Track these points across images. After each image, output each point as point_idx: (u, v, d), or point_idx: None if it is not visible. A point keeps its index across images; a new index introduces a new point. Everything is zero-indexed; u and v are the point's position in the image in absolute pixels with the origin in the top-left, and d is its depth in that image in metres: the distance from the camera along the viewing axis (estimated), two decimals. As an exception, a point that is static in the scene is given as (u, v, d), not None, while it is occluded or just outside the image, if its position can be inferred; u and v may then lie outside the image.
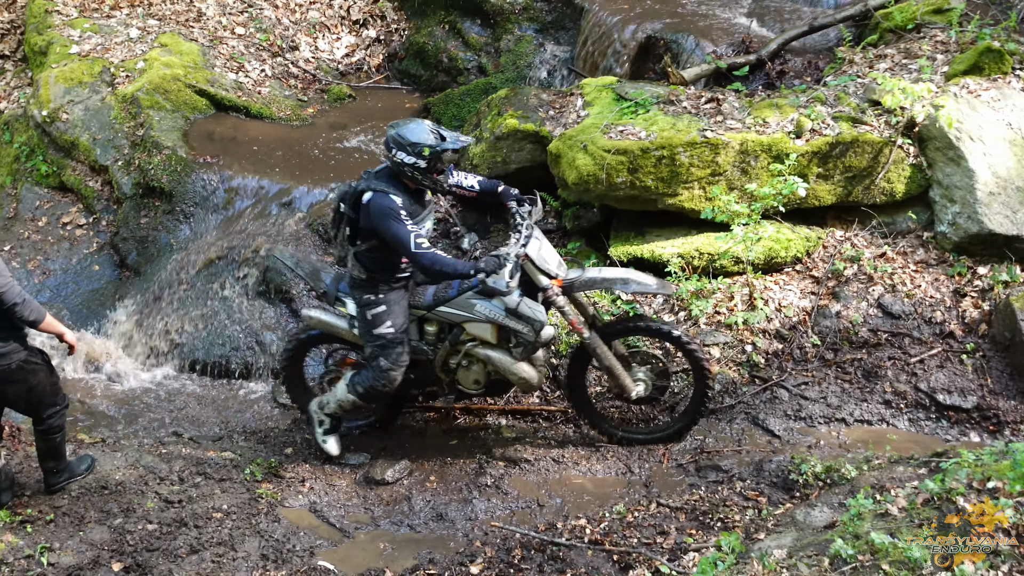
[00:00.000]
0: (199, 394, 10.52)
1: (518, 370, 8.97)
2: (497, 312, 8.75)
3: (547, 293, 8.72)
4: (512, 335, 8.83)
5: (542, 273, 8.67)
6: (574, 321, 8.92)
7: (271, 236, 11.26)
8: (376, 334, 8.74)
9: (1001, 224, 10.14)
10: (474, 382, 9.24)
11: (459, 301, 8.84)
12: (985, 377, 9.78)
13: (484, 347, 8.99)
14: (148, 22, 14.43)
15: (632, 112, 10.74)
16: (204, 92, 13.26)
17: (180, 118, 12.81)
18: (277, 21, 15.11)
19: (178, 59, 13.54)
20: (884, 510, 6.91)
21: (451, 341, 9.02)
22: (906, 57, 11.35)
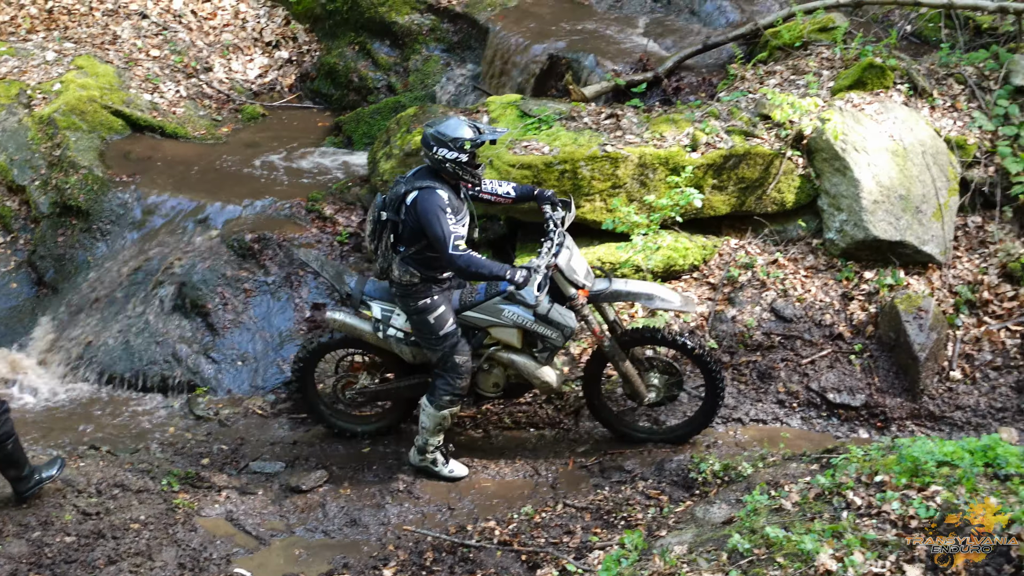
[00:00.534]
0: (116, 407, 10.33)
1: (542, 374, 8.91)
2: (526, 318, 8.67)
3: (573, 302, 8.68)
4: (539, 340, 8.77)
5: (570, 283, 8.62)
6: (596, 330, 8.87)
7: (187, 252, 11.11)
8: (443, 334, 8.60)
9: (885, 230, 10.26)
10: (493, 385, 9.14)
11: (487, 306, 8.74)
12: (872, 376, 9.89)
13: (508, 351, 8.91)
14: (64, 45, 14.21)
15: (536, 128, 10.74)
16: (120, 113, 13.07)
17: (96, 138, 12.61)
18: (191, 43, 14.94)
19: (94, 81, 13.33)
20: (778, 505, 6.95)
21: (474, 345, 8.90)
22: (794, 73, 11.46)
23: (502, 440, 9.59)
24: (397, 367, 9.31)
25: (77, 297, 11.22)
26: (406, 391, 9.34)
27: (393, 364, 9.31)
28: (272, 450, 9.52)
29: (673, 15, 14.21)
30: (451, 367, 8.67)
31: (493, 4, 14.27)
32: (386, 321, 8.90)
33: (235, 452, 9.48)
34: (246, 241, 11.07)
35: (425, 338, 8.69)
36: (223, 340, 10.61)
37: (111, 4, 15.11)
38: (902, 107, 10.94)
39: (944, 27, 12.23)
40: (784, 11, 12.62)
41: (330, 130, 13.99)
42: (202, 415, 10.08)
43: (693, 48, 12.71)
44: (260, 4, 15.71)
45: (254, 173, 12.58)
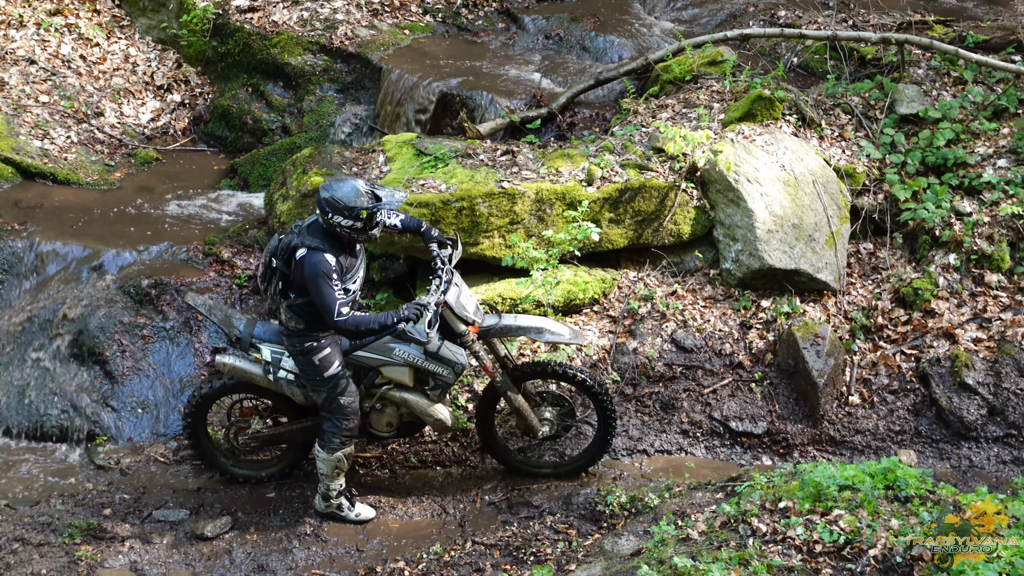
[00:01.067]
0: (15, 459, 10.09)
1: (435, 412, 8.87)
2: (416, 355, 8.64)
3: (463, 339, 8.68)
4: (430, 377, 8.74)
5: (460, 320, 8.62)
6: (487, 365, 8.90)
7: (82, 300, 10.92)
8: (328, 376, 8.52)
9: (780, 259, 10.42)
10: (387, 424, 9.10)
11: (376, 345, 8.70)
12: (773, 403, 10.02)
13: (400, 390, 8.86)
14: (-50, 93, 13.95)
15: (432, 166, 10.75)
16: (9, 160, 12.83)
17: (-14, 187, 12.39)
18: (81, 88, 14.73)
19: (-19, 128, 13.10)
20: (686, 535, 7.01)
21: (366, 385, 8.86)
22: (686, 106, 11.62)
23: (409, 479, 9.54)
24: (289, 410, 9.24)
25: (-30, 349, 10.97)
26: (299, 434, 9.27)
27: (285, 407, 9.24)
28: (176, 498, 9.37)
29: (565, 52, 14.33)
30: (336, 408, 8.62)
31: (386, 44, 14.28)
32: (276, 363, 8.84)
33: (138, 501, 9.31)
34: (143, 287, 10.91)
35: (310, 379, 8.65)
36: (122, 388, 10.43)
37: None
38: (792, 138, 11.15)
39: (829, 59, 12.49)
40: (674, 46, 12.80)
41: (226, 173, 13.86)
42: (103, 464, 9.89)
43: (585, 84, 12.83)
44: (150, 48, 15.55)
45: (149, 218, 12.41)
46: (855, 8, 13.93)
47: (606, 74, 12.92)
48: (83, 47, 15.24)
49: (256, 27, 14.64)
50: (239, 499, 9.33)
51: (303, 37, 14.40)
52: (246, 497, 9.35)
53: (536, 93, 12.87)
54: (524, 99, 12.83)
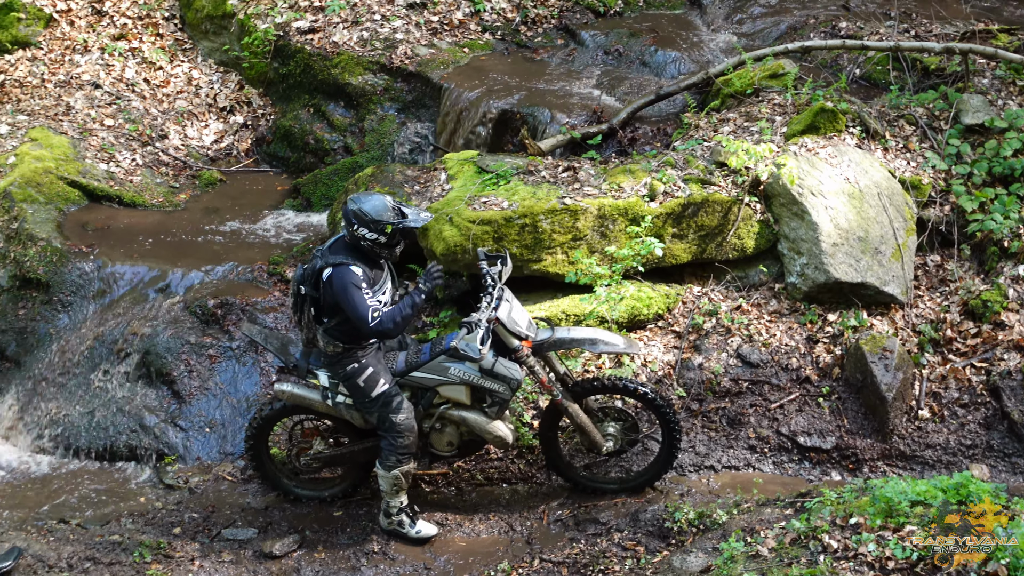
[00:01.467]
0: (85, 479, 10.20)
1: (493, 429, 8.87)
2: (472, 374, 8.66)
3: (517, 354, 8.68)
4: (487, 394, 8.75)
5: (513, 335, 8.62)
6: (544, 380, 8.87)
7: (149, 320, 11.03)
8: (376, 396, 8.58)
9: (846, 272, 10.33)
10: (447, 444, 9.11)
11: (432, 365, 8.74)
12: (842, 418, 9.93)
13: (458, 408, 8.88)
14: (17, 118, 14.13)
15: (494, 184, 10.77)
16: (76, 183, 12.99)
17: (54, 210, 12.52)
18: (146, 111, 14.91)
19: (49, 152, 13.25)
20: (755, 551, 6.95)
21: (424, 405, 8.89)
22: (747, 120, 11.56)
23: (475, 497, 9.54)
24: (350, 430, 9.27)
25: (40, 370, 11.09)
26: (360, 455, 9.29)
27: (345, 427, 9.27)
28: (244, 516, 9.42)
29: (625, 67, 14.32)
30: (389, 427, 8.65)
31: (446, 62, 14.33)
32: (334, 388, 8.88)
33: (207, 520, 9.37)
34: (209, 307, 11.01)
35: (360, 401, 8.71)
36: (190, 407, 10.52)
37: (63, 75, 15.07)
38: (855, 150, 11.06)
39: (892, 69, 12.40)
40: (734, 59, 12.75)
41: (288, 193, 13.96)
42: (172, 483, 9.98)
43: (646, 99, 12.79)
44: (213, 70, 15.72)
45: (214, 238, 12.54)
46: (917, 18, 13.82)
47: (666, 89, 12.88)
48: (147, 71, 15.43)
49: (316, 48, 14.74)
50: (307, 517, 9.36)
51: (363, 57, 14.48)
52: (313, 515, 9.38)
53: (596, 109, 12.86)
54: (584, 115, 12.83)
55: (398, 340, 9.10)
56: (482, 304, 8.53)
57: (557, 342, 8.90)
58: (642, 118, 12.73)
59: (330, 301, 8.33)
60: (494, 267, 8.86)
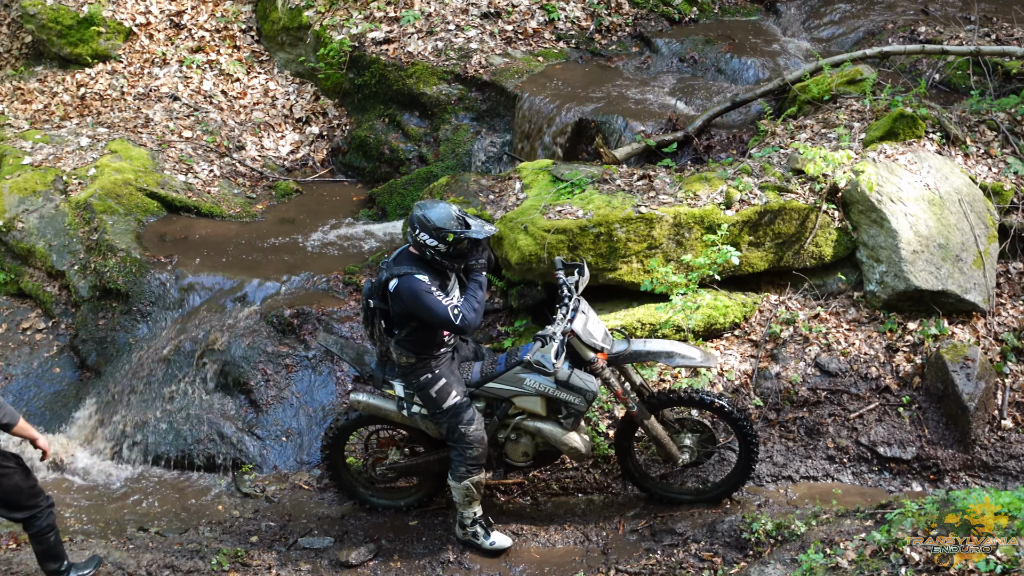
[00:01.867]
0: (163, 488, 10.32)
1: (569, 440, 8.86)
2: (547, 385, 8.65)
3: (592, 367, 8.66)
4: (562, 406, 8.74)
5: (588, 348, 8.60)
6: (619, 392, 8.84)
7: (227, 330, 11.13)
8: (447, 408, 8.60)
9: (926, 280, 10.19)
10: (523, 454, 9.11)
11: (507, 376, 8.75)
12: (922, 428, 9.78)
13: (533, 419, 8.88)
14: (98, 130, 14.35)
15: (569, 192, 10.74)
16: (155, 195, 13.16)
17: (133, 221, 12.69)
18: (223, 123, 15.07)
19: (128, 164, 13.44)
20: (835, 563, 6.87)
21: (499, 416, 8.90)
22: (825, 127, 11.45)
23: (551, 507, 9.51)
24: (425, 440, 9.29)
25: (120, 379, 11.23)
26: (435, 464, 9.30)
27: (421, 437, 9.29)
28: (320, 525, 9.47)
29: (700, 74, 14.26)
30: (459, 438, 8.64)
31: (520, 71, 14.34)
32: (409, 399, 8.90)
33: (283, 528, 9.43)
34: (285, 317, 11.10)
35: (431, 411, 8.72)
36: (267, 416, 10.61)
37: (142, 88, 15.28)
38: (935, 156, 10.91)
39: (972, 74, 12.23)
40: (811, 65, 12.65)
41: (364, 203, 14.04)
42: (249, 492, 10.06)
43: (722, 106, 12.72)
44: (289, 81, 15.85)
45: (290, 248, 12.63)
46: (998, 22, 13.62)
47: (742, 96, 12.80)
48: (224, 82, 15.61)
49: (391, 58, 14.82)
50: (382, 527, 9.39)
51: (438, 67, 14.54)
52: (389, 525, 9.41)
53: (671, 116, 12.80)
54: (659, 123, 12.77)
55: (473, 351, 9.11)
56: (557, 316, 8.50)
57: (633, 354, 8.84)
58: (718, 125, 12.66)
59: (399, 312, 8.34)
60: (571, 277, 8.83)
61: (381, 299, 8.45)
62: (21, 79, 15.50)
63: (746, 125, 12.68)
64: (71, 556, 8.62)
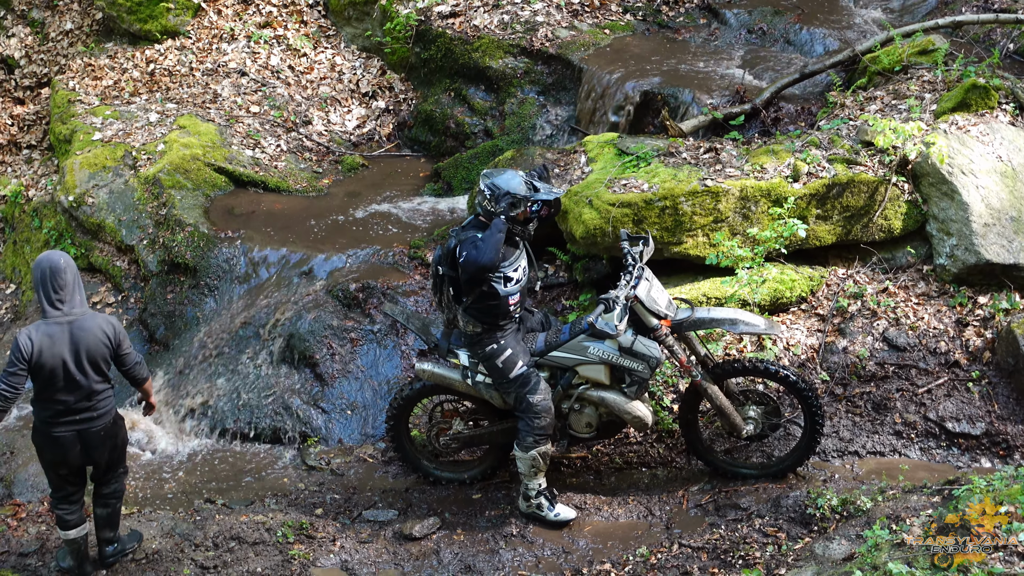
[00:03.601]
0: (230, 460, 10.44)
1: (632, 409, 8.86)
2: (611, 352, 8.67)
3: (656, 333, 8.67)
4: (626, 374, 8.74)
5: (651, 314, 8.61)
6: (683, 360, 8.84)
7: (293, 304, 11.22)
8: (514, 377, 8.65)
9: (998, 254, 10.05)
10: (586, 425, 9.12)
11: (571, 344, 8.77)
12: (992, 403, 9.66)
13: (597, 389, 8.89)
14: (166, 106, 14.49)
15: (634, 166, 10.70)
16: (223, 170, 13.28)
17: (201, 196, 12.82)
18: (290, 98, 15.16)
19: (196, 139, 13.57)
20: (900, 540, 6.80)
21: (563, 386, 8.93)
22: (895, 98, 11.30)
23: (614, 481, 9.51)
24: (489, 412, 9.32)
25: (188, 353, 11.37)
26: (499, 436, 9.33)
27: (485, 409, 9.33)
28: (384, 498, 9.53)
29: (768, 45, 14.13)
30: (526, 408, 8.66)
31: (586, 44, 14.29)
32: (473, 368, 8.94)
33: (348, 501, 9.51)
34: (351, 291, 11.16)
35: (498, 382, 8.76)
36: (332, 390, 10.69)
37: (211, 64, 15.40)
38: (1009, 127, 10.73)
39: (1048, 43, 12.01)
40: (882, 35, 12.47)
41: (429, 177, 14.08)
42: (314, 465, 10.15)
43: (790, 78, 12.58)
44: (355, 56, 15.91)
45: (356, 223, 12.69)
46: (1075, -10, 13.37)
47: (811, 67, 12.65)
48: (291, 57, 15.69)
49: (457, 32, 14.83)
50: (446, 500, 9.44)
51: (503, 40, 14.52)
52: (452, 498, 9.45)
53: (739, 89, 12.70)
54: (726, 95, 12.68)
55: (540, 321, 9.11)
56: (621, 282, 8.51)
57: (697, 321, 8.80)
58: (786, 97, 12.53)
59: (466, 277, 8.38)
60: (635, 247, 8.84)
61: (450, 266, 8.51)
62: (91, 56, 15.67)
63: (815, 97, 12.55)
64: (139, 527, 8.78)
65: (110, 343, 7.78)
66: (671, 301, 8.82)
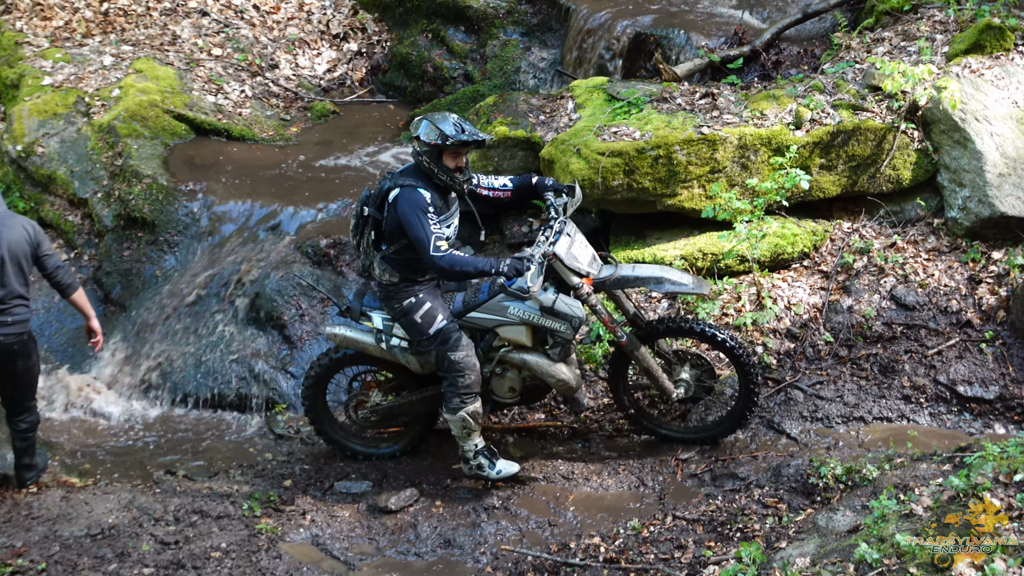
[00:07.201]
0: (192, 428, 10.41)
1: (556, 372, 8.86)
2: (532, 312, 8.66)
3: (578, 292, 8.64)
4: (548, 335, 8.75)
5: (572, 272, 8.59)
6: (607, 320, 8.84)
7: (259, 261, 11.17)
8: (434, 333, 8.63)
9: (1013, 206, 10.06)
10: (509, 390, 9.13)
11: (490, 305, 8.75)
12: (1006, 365, 9.69)
13: (519, 351, 8.89)
14: (122, 48, 14.37)
15: (625, 112, 10.67)
16: (183, 117, 13.18)
17: (159, 145, 12.73)
18: (255, 40, 15.05)
19: (154, 84, 13.46)
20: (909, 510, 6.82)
21: (483, 348, 8.91)
22: (904, 39, 11.28)
23: (603, 449, 9.52)
24: (409, 381, 9.31)
25: (146, 314, 11.32)
26: (420, 404, 9.34)
27: (405, 378, 9.32)
28: (358, 469, 9.51)
29: (769, -17, 14.08)
30: (449, 366, 8.65)
31: (574, -19, 14.22)
32: (388, 331, 8.93)
33: (319, 472, 9.49)
34: (321, 247, 11.12)
35: (416, 340, 8.74)
36: (301, 353, 10.66)
37: (169, 3, 15.28)
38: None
39: (1068, -19, 11.97)
40: (891, -28, 12.43)
41: (405, 125, 14.00)
42: (282, 434, 10.13)
43: (792, 17, 12.57)
44: (325, -6, 15.81)
45: (327, 174, 12.64)
46: (1097, -77, 13.33)
47: (815, 6, 12.63)
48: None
49: (435, -33, 14.73)
50: (424, 470, 9.44)
51: (486, -23, 14.44)
52: (431, 467, 9.45)
53: (737, 30, 12.65)
54: (724, 37, 12.64)
55: None
56: (539, 238, 8.47)
57: (620, 279, 8.80)
58: (787, 39, 12.51)
59: (392, 226, 8.40)
60: (559, 199, 8.78)
61: (377, 208, 8.51)
62: (40, -6, 15.54)
63: (818, 38, 12.53)
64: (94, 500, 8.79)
65: (31, 240, 8.23)
66: (595, 257, 8.82)
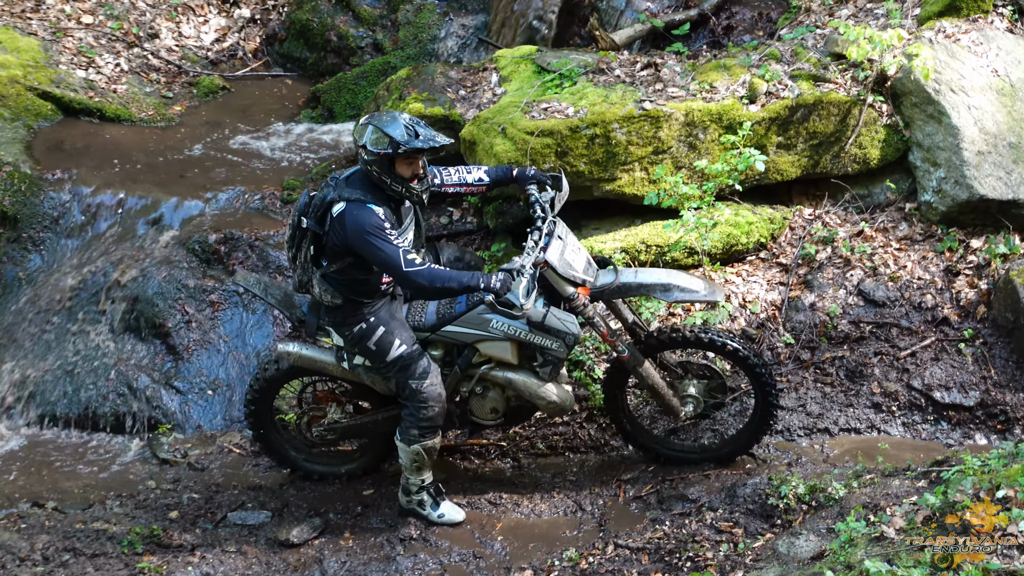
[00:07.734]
0: (62, 454, 10.32)
1: (546, 393, 8.77)
2: (517, 327, 8.54)
3: (572, 303, 8.54)
4: (538, 352, 8.65)
5: (566, 281, 8.46)
6: (606, 333, 8.77)
7: (138, 260, 11.11)
8: (391, 360, 8.49)
9: (994, 188, 10.18)
10: (491, 411, 9.04)
11: (469, 317, 8.62)
12: (988, 368, 9.82)
13: (503, 369, 8.80)
14: (-24, 16, 14.26)
15: (557, 86, 10.71)
16: (49, 95, 13.08)
17: (21, 127, 12.64)
18: (132, 6, 14.97)
19: (15, 57, 13.34)
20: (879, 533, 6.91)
21: (461, 365, 8.83)
22: (871, 1, 11.39)
23: (536, 470, 9.56)
24: (370, 394, 9.24)
25: (8, 322, 11.22)
26: (384, 424, 9.25)
27: (365, 391, 9.24)
28: (255, 496, 9.49)
29: (719, -62, 14.18)
30: (410, 395, 8.56)
31: (497, -63, 14.26)
32: (350, 349, 8.79)
33: (210, 501, 9.46)
34: (210, 243, 11.08)
35: (375, 365, 8.64)
36: (188, 365, 10.61)
37: (31, -37, 15.18)
38: (1006, 35, 10.88)
39: (1053, -66, 12.15)
40: (855, -75, 12.56)
41: (307, 102, 14.02)
42: (167, 458, 10.08)
43: (745, -23, 12.67)
44: (213, -47, 15.76)
45: (216, 159, 12.61)
46: None
47: (770, -36, 12.74)
48: (133, -45, 15.50)
49: (338, -78, 14.73)
50: (330, 497, 9.42)
51: (397, -69, 14.47)
52: (338, 495, 9.44)
53: (683, -9, 12.76)
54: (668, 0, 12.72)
55: (455, 258, 9.06)
56: (528, 244, 8.25)
57: (621, 288, 8.71)
58: (740, 1, 12.61)
59: (336, 243, 8.15)
60: (545, 194, 8.63)
61: (318, 221, 8.28)
62: None
63: (775, 1, 12.61)
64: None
65: None
66: (590, 262, 8.69)
